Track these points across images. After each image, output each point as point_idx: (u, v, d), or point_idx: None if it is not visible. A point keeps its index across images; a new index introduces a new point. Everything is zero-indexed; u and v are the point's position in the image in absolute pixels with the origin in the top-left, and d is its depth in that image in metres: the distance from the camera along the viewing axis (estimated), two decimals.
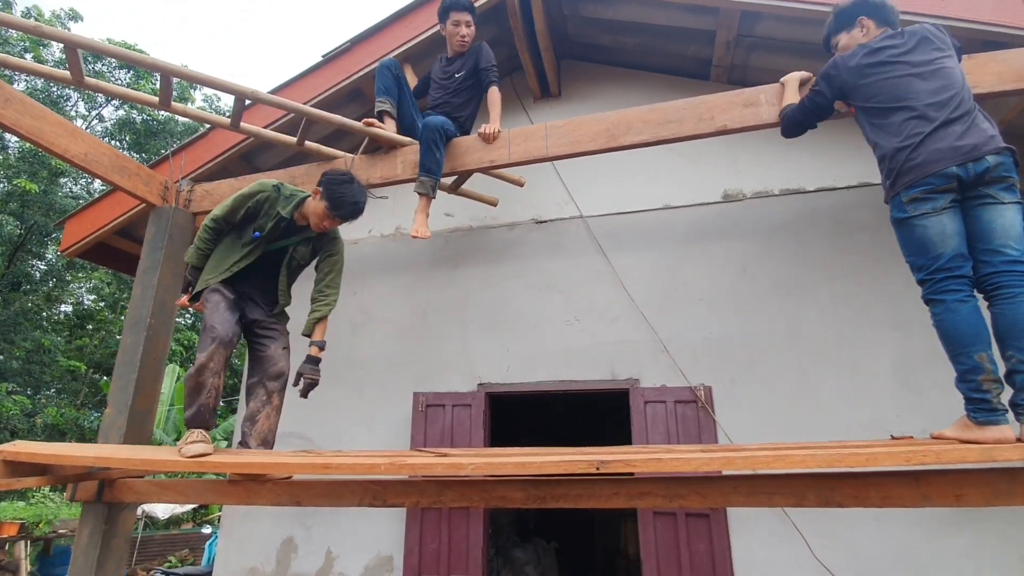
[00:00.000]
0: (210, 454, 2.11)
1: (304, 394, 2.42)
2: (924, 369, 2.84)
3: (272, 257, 2.44)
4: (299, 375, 2.40)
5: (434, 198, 2.84)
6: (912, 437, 2.16)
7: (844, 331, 3.04)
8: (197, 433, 2.16)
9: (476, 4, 3.35)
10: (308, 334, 2.48)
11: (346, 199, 2.33)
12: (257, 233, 2.34)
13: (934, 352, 2.91)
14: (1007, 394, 1.72)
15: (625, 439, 3.24)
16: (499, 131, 2.91)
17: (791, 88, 2.40)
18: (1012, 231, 1.75)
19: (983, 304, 1.78)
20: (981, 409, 1.68)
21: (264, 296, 2.47)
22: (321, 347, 2.47)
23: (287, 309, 2.58)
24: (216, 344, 2.16)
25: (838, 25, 2.21)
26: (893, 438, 2.09)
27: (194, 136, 3.70)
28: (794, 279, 3.18)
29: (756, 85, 2.62)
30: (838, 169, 3.30)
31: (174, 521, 12.37)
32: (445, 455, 2.21)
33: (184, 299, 2.47)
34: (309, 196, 2.42)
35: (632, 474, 1.83)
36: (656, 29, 3.50)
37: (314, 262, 2.60)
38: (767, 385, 3.08)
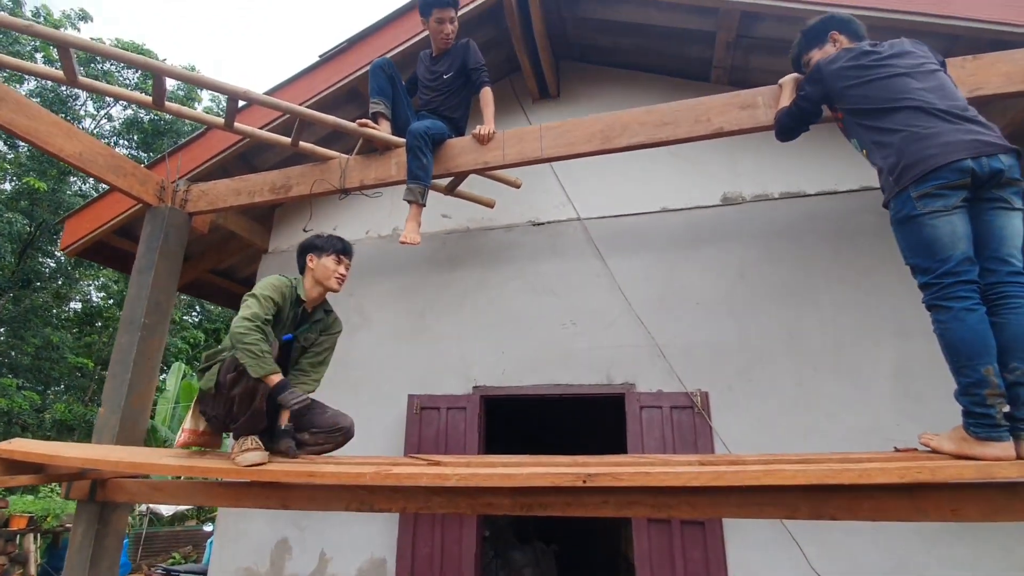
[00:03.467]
0: (267, 463, 2.09)
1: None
2: (925, 377, 2.78)
3: (283, 348, 2.35)
4: (284, 452, 2.25)
5: (424, 205, 2.80)
6: (916, 450, 2.09)
7: (844, 337, 2.98)
8: (252, 440, 2.12)
9: (471, 5, 3.33)
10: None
11: (331, 239, 2.44)
12: (289, 336, 2.32)
13: (935, 360, 2.85)
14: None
15: (621, 441, 3.20)
16: (493, 132, 2.88)
17: (788, 90, 2.35)
18: (1018, 240, 1.66)
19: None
20: (983, 424, 1.59)
21: None
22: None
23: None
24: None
25: (809, 42, 2.18)
26: (897, 450, 2.02)
27: (191, 136, 3.70)
28: (793, 284, 3.13)
29: (758, 86, 2.57)
30: (840, 173, 3.24)
31: (178, 518, 12.48)
32: (433, 463, 2.19)
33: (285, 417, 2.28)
34: (302, 277, 2.43)
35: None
36: (656, 30, 3.46)
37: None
38: (765, 391, 3.03)
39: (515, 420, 6.84)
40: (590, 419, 6.73)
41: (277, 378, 2.08)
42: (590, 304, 3.46)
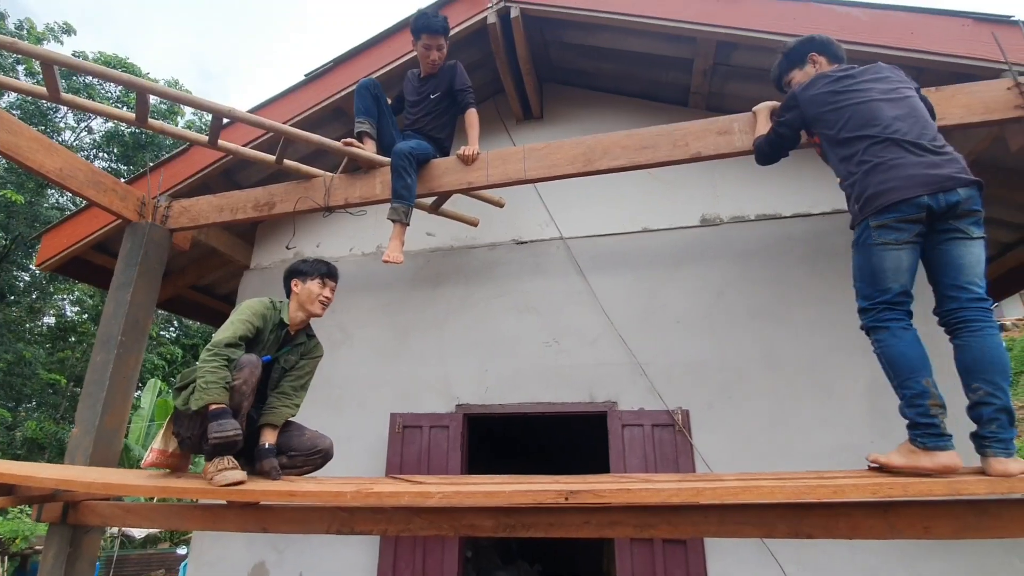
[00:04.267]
0: (245, 482, 2.04)
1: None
2: (895, 396, 2.84)
3: (263, 370, 2.30)
4: (268, 472, 2.21)
5: (408, 224, 2.82)
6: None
7: (819, 356, 3.05)
8: (228, 459, 2.06)
9: (459, 27, 3.40)
10: (268, 424, 2.29)
11: (317, 263, 2.45)
12: (267, 357, 2.30)
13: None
14: (965, 426, 1.72)
15: (604, 460, 3.21)
16: (478, 153, 2.92)
17: (762, 117, 2.43)
18: (978, 267, 1.75)
19: (933, 337, 1.81)
20: (930, 435, 1.67)
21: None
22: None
23: None
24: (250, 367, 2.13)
25: (790, 63, 2.24)
26: (871, 468, 2.07)
27: (174, 152, 3.69)
28: (770, 303, 3.20)
29: (733, 112, 2.66)
30: (813, 195, 3.35)
31: (151, 540, 12.09)
32: (415, 483, 2.17)
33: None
34: (288, 300, 2.43)
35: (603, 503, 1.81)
36: (636, 56, 3.56)
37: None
38: (744, 409, 3.08)
39: (498, 439, 6.81)
40: (573, 437, 6.73)
41: (216, 407, 2.02)
42: (573, 322, 3.50)
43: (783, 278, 3.22)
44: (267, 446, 2.24)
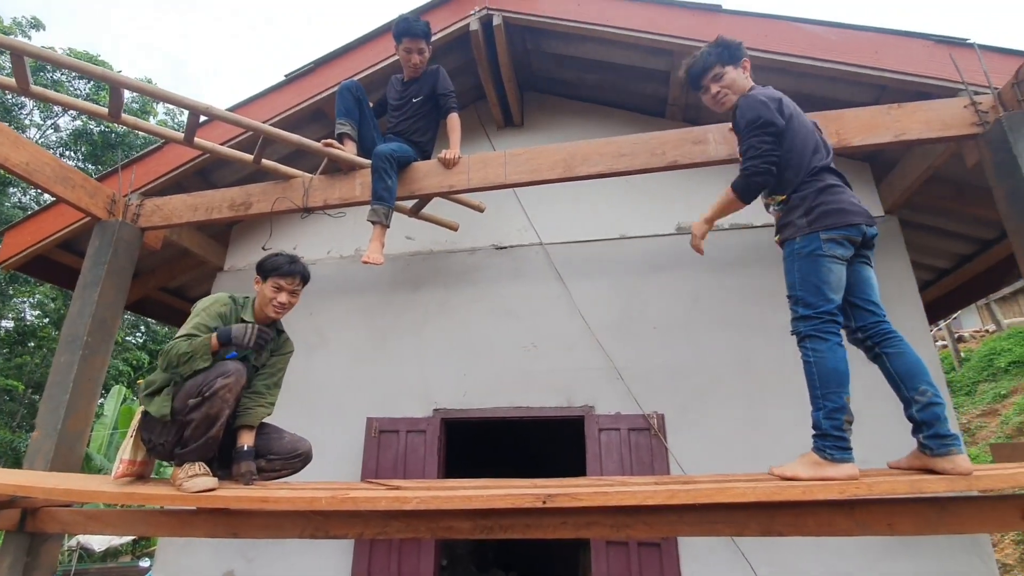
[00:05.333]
0: (216, 488, 2.00)
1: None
2: (863, 400, 2.93)
3: None
4: (244, 475, 2.19)
5: (388, 226, 2.82)
6: None
7: (790, 361, 3.09)
8: (199, 466, 2.02)
9: (442, 33, 3.43)
10: (245, 426, 2.26)
11: (279, 260, 2.29)
12: (233, 355, 2.21)
13: (872, 383, 3.03)
14: (898, 432, 1.82)
15: (582, 463, 3.23)
16: (459, 157, 2.94)
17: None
18: (878, 292, 1.95)
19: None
20: (839, 447, 1.76)
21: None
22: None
23: None
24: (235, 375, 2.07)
25: (730, 55, 2.10)
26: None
27: (147, 150, 3.61)
28: (743, 310, 3.27)
29: (709, 123, 2.74)
30: None
31: (111, 553, 11.61)
32: (392, 487, 2.15)
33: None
34: (255, 297, 2.34)
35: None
36: (616, 68, 3.63)
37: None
38: (717, 413, 3.14)
39: (476, 443, 6.77)
40: (551, 441, 6.73)
41: (215, 346, 2.06)
42: (551, 327, 3.52)
43: (756, 286, 3.31)
44: (245, 448, 2.20)
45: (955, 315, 12.00)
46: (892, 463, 1.99)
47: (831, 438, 1.78)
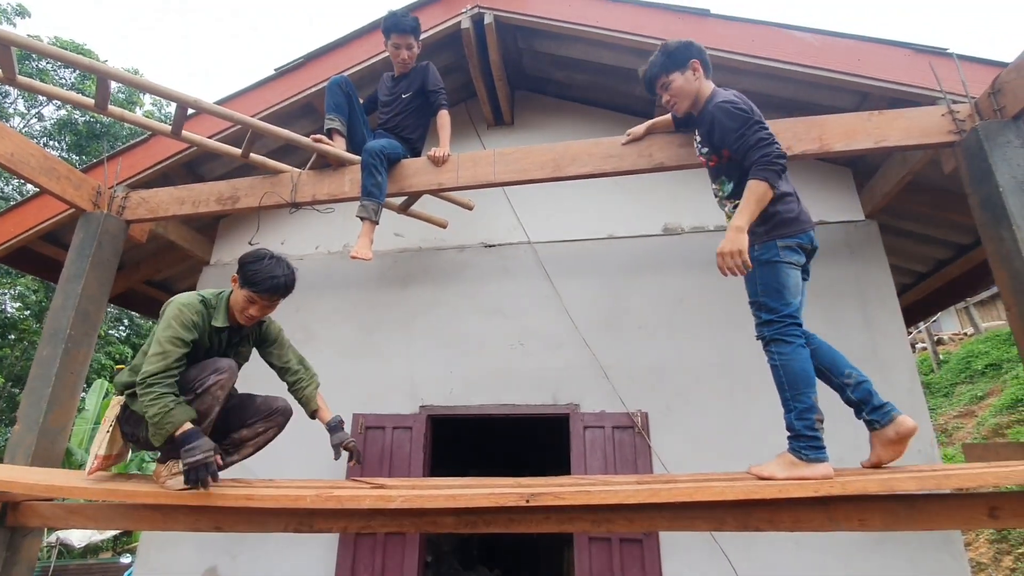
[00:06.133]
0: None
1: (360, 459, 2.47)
2: (838, 400, 3.00)
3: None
4: (342, 447, 2.36)
5: (377, 222, 2.82)
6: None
7: None
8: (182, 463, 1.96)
9: (433, 30, 3.43)
10: (315, 414, 2.44)
11: (260, 274, 2.06)
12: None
13: None
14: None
15: (566, 460, 3.26)
16: (448, 155, 2.95)
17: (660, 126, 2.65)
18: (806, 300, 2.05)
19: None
20: (813, 447, 1.82)
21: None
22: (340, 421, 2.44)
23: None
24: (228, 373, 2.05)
25: (674, 62, 2.13)
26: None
27: (133, 141, 3.57)
28: (727, 311, 3.32)
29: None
30: None
31: (91, 550, 11.47)
32: (377, 486, 2.17)
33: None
34: (231, 291, 2.19)
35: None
36: (605, 69, 3.66)
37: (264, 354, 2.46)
38: (700, 412, 3.19)
39: (462, 441, 6.79)
40: (536, 439, 6.78)
41: (181, 432, 1.87)
42: (538, 325, 3.55)
43: (740, 287, 3.33)
44: (330, 423, 2.41)
45: (934, 318, 12.24)
46: (864, 463, 2.04)
47: (804, 439, 1.83)
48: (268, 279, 2.07)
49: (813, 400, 1.86)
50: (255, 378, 2.51)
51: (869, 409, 1.91)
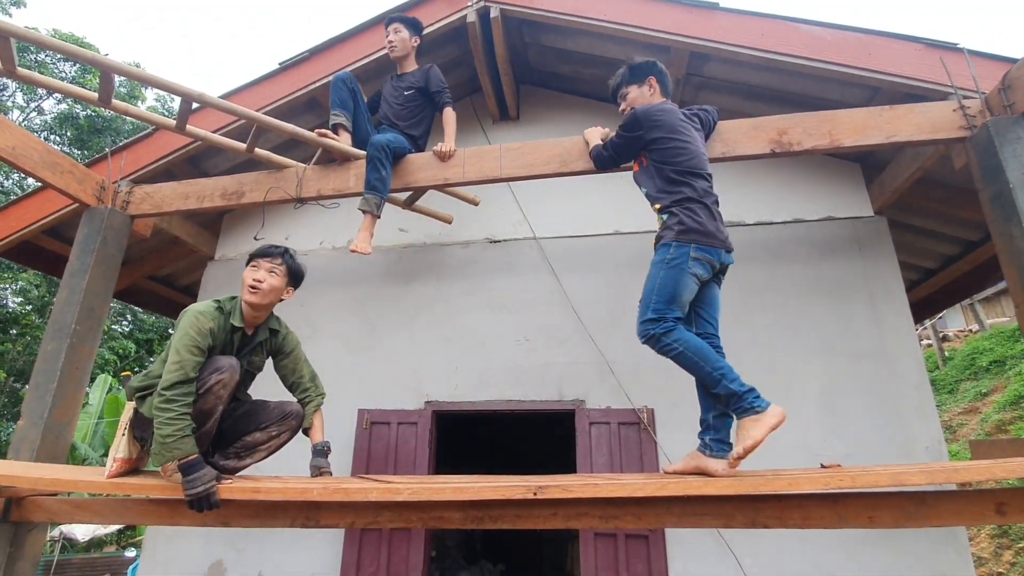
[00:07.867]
0: None
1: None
2: (846, 396, 3.00)
3: None
4: (319, 471, 2.33)
5: (379, 216, 2.81)
6: (839, 465, 2.24)
7: (777, 358, 3.18)
8: None
9: (439, 24, 3.41)
10: (307, 431, 2.38)
11: (258, 250, 2.23)
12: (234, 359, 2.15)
13: (855, 380, 3.09)
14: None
15: (572, 456, 3.26)
16: (454, 150, 2.93)
17: (593, 138, 2.67)
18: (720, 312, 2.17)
19: None
20: (755, 396, 1.93)
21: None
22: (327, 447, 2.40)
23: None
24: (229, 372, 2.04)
25: (632, 77, 2.39)
26: (823, 466, 2.17)
27: (137, 136, 3.56)
28: (732, 306, 3.28)
29: None
30: (774, 206, 3.49)
31: (95, 544, 11.52)
32: (383, 482, 2.16)
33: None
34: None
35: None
36: (613, 63, 3.62)
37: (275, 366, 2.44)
38: None
39: (467, 437, 6.80)
40: (542, 434, 6.78)
41: (185, 460, 1.90)
42: (543, 321, 3.54)
43: (744, 283, 3.34)
44: (315, 446, 2.37)
45: (940, 315, 12.20)
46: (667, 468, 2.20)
47: (746, 393, 1.91)
48: (268, 247, 2.25)
49: (724, 360, 1.96)
50: (264, 385, 2.51)
51: (716, 437, 2.04)
